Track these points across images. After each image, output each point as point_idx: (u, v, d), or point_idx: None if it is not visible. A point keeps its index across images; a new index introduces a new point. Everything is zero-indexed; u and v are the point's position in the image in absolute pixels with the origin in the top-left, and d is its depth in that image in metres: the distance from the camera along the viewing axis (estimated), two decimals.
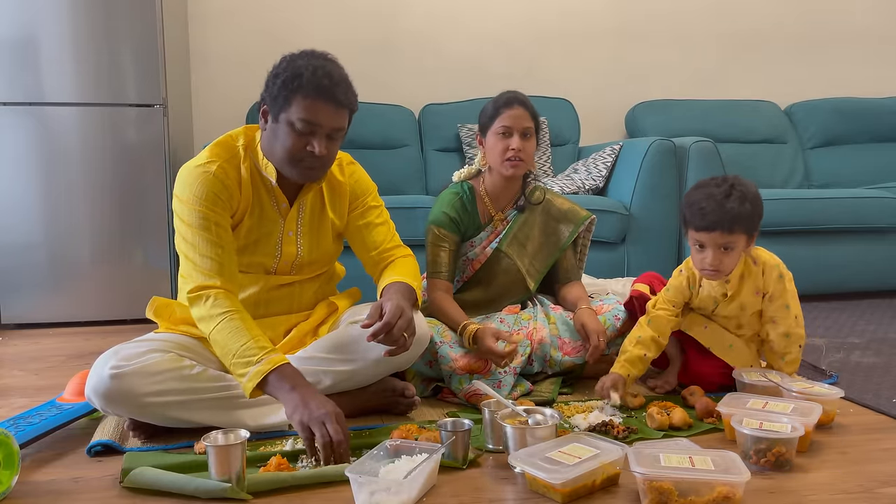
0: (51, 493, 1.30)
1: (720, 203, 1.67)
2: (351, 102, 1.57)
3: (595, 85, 3.88)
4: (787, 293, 1.77)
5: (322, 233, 1.73)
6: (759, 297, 1.79)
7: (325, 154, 1.54)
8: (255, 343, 1.45)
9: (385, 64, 3.66)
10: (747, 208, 1.68)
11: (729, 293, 1.80)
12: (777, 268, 1.78)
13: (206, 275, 1.52)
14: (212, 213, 1.55)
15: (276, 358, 1.44)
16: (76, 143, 2.81)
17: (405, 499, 1.20)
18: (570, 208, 2.09)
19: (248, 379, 1.42)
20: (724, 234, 1.68)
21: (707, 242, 1.71)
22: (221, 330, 1.47)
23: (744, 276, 1.79)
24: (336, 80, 1.52)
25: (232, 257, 1.58)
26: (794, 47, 4.06)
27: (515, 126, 1.91)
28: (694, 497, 1.19)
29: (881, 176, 3.63)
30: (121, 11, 2.79)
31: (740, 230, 1.69)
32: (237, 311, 1.50)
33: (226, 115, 3.42)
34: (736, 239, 1.70)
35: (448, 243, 1.98)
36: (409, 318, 1.52)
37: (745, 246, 1.75)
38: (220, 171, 1.57)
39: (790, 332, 1.77)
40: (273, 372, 1.42)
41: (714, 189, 1.70)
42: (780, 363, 1.79)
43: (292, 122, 1.51)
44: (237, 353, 1.44)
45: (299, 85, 1.49)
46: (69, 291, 2.85)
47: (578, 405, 1.72)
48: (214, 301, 1.50)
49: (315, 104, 1.50)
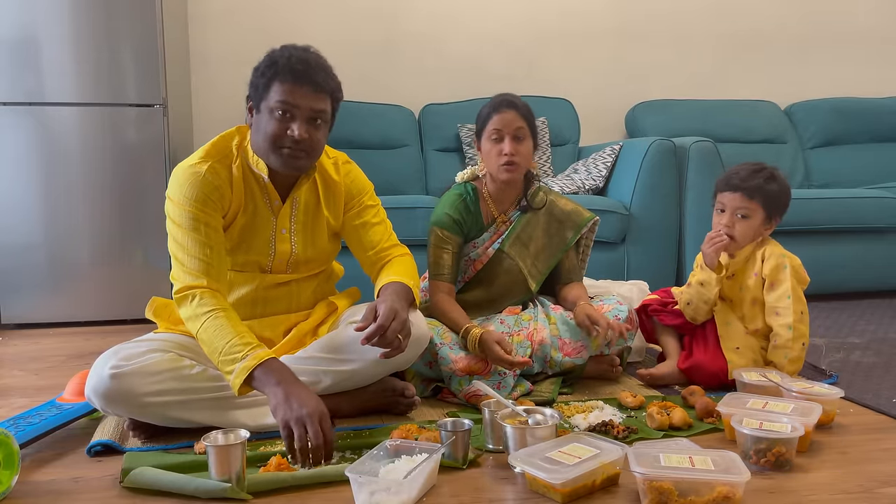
0: (51, 493, 1.30)
1: (750, 173, 1.85)
2: (331, 87, 1.57)
3: (595, 85, 3.88)
4: (787, 285, 1.82)
5: (317, 231, 1.73)
6: (756, 279, 1.85)
7: (305, 138, 1.53)
8: (239, 339, 1.45)
9: (385, 64, 3.65)
10: (773, 187, 1.85)
11: (731, 270, 1.89)
12: (783, 258, 1.85)
13: (192, 275, 1.53)
14: (201, 214, 1.55)
15: (261, 353, 1.44)
16: (76, 143, 2.81)
17: (405, 499, 1.20)
18: (573, 209, 2.09)
19: (235, 375, 1.42)
20: (745, 198, 1.84)
21: (727, 204, 1.86)
22: (207, 328, 1.47)
23: (748, 259, 1.89)
24: (312, 65, 1.54)
25: (221, 258, 1.58)
26: (794, 47, 4.06)
27: (506, 129, 1.91)
28: (694, 497, 1.19)
29: (881, 176, 3.63)
30: (121, 11, 2.79)
31: (759, 201, 1.84)
32: (222, 308, 1.50)
33: (226, 115, 3.42)
34: (754, 209, 1.84)
35: (451, 245, 1.97)
36: (403, 320, 1.51)
37: (761, 224, 1.86)
38: (211, 171, 1.58)
39: (794, 326, 1.79)
40: (259, 367, 1.42)
41: (749, 165, 1.88)
42: (782, 360, 1.80)
43: (271, 108, 1.53)
44: (223, 350, 1.45)
45: (275, 71, 1.52)
46: (69, 291, 2.85)
47: (578, 405, 1.72)
48: (200, 300, 1.50)
49: (292, 88, 1.52)
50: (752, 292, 1.88)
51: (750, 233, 1.86)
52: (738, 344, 1.85)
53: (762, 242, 1.90)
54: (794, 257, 1.87)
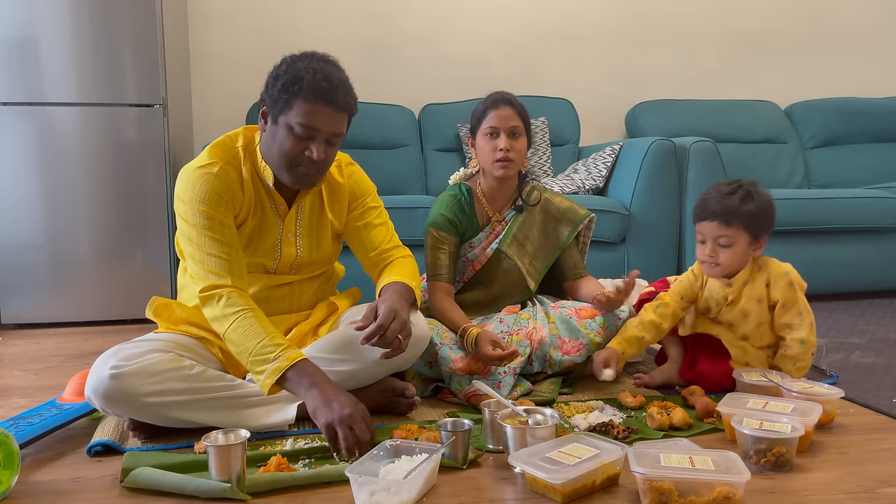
0: (51, 493, 1.30)
1: (723, 197, 1.74)
2: (350, 106, 1.56)
3: (595, 85, 3.88)
4: (799, 302, 1.77)
5: (321, 234, 1.73)
6: (762, 306, 1.80)
7: (322, 159, 1.54)
8: (270, 340, 1.46)
9: (385, 64, 3.66)
10: (750, 207, 1.72)
11: (730, 297, 1.81)
12: (787, 276, 1.78)
13: (216, 274, 1.52)
14: (216, 213, 1.55)
15: (293, 354, 1.45)
16: (76, 144, 2.81)
17: (405, 499, 1.20)
18: (568, 207, 2.09)
19: (266, 376, 1.43)
20: (722, 226, 1.73)
21: (706, 234, 1.77)
22: (236, 329, 1.47)
23: (747, 282, 1.80)
24: (335, 84, 1.51)
25: (240, 255, 1.58)
26: (794, 47, 4.06)
27: (502, 126, 1.91)
28: (694, 497, 1.19)
29: (881, 176, 3.63)
30: (121, 11, 2.79)
31: (739, 226, 1.73)
32: (251, 308, 1.50)
33: (226, 114, 3.42)
34: (735, 234, 1.73)
35: (447, 245, 1.98)
36: (403, 320, 1.52)
37: (749, 247, 1.77)
38: (223, 171, 1.58)
39: (806, 340, 1.77)
40: (291, 368, 1.43)
41: (723, 187, 1.78)
42: (790, 368, 1.78)
43: (291, 125, 1.51)
44: (254, 351, 1.45)
45: (299, 89, 1.49)
46: (69, 291, 2.85)
47: (578, 405, 1.72)
48: (227, 300, 1.50)
49: (314, 108, 1.50)
50: (757, 317, 1.81)
51: (737, 258, 1.76)
52: (750, 360, 1.82)
53: (759, 265, 1.81)
54: (790, 268, 1.80)
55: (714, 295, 1.84)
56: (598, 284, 2.02)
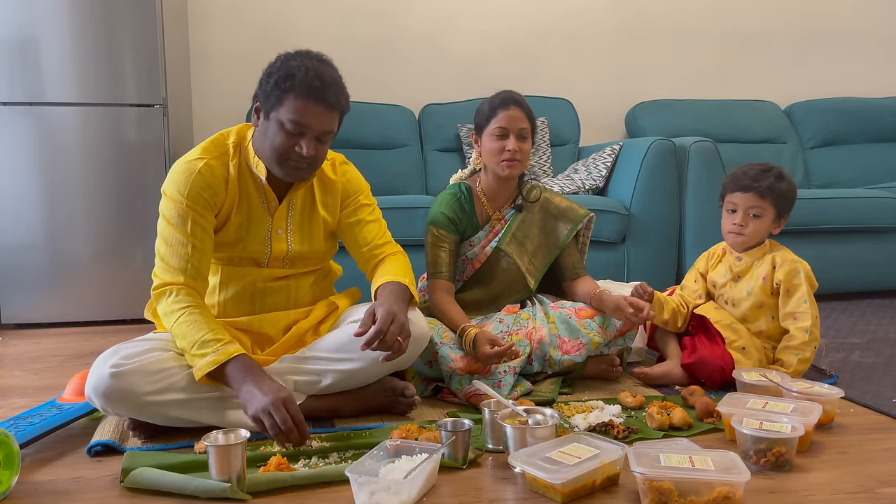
0: (51, 493, 1.30)
1: (759, 173, 1.89)
2: (342, 105, 1.58)
3: (595, 85, 3.88)
4: (805, 290, 1.84)
5: (313, 231, 1.74)
6: (765, 284, 1.85)
7: (312, 155, 1.56)
8: (213, 335, 1.48)
9: (385, 64, 3.66)
10: (783, 185, 1.88)
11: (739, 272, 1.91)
12: (797, 264, 1.88)
13: (171, 272, 1.56)
14: (191, 211, 1.57)
15: (231, 349, 1.47)
16: (76, 143, 2.81)
17: (405, 499, 1.20)
18: (568, 206, 2.09)
19: (199, 368, 1.45)
20: (756, 197, 1.87)
21: (740, 204, 1.89)
22: (181, 323, 1.50)
23: (756, 262, 1.91)
24: (328, 82, 1.53)
25: (203, 257, 1.59)
26: (794, 47, 4.06)
27: (512, 127, 1.91)
28: (694, 497, 1.19)
29: (881, 176, 3.62)
30: (121, 11, 2.78)
31: (771, 200, 1.86)
32: (197, 306, 1.53)
33: (226, 113, 3.41)
34: (766, 207, 1.87)
35: (447, 243, 1.98)
36: (401, 322, 1.52)
37: (772, 223, 1.89)
38: (206, 168, 1.60)
39: (810, 329, 1.81)
40: (229, 362, 1.45)
41: (757, 165, 1.92)
42: (792, 359, 1.81)
43: (282, 121, 1.53)
44: (196, 342, 1.47)
45: (291, 85, 1.51)
46: (69, 291, 2.85)
47: (578, 405, 1.72)
48: (176, 297, 1.53)
49: (306, 105, 1.52)
50: (757, 297, 1.88)
51: (762, 230, 1.90)
52: (745, 344, 1.85)
53: (771, 247, 1.92)
54: (804, 263, 1.89)
55: (723, 269, 1.96)
56: (595, 284, 2.02)
